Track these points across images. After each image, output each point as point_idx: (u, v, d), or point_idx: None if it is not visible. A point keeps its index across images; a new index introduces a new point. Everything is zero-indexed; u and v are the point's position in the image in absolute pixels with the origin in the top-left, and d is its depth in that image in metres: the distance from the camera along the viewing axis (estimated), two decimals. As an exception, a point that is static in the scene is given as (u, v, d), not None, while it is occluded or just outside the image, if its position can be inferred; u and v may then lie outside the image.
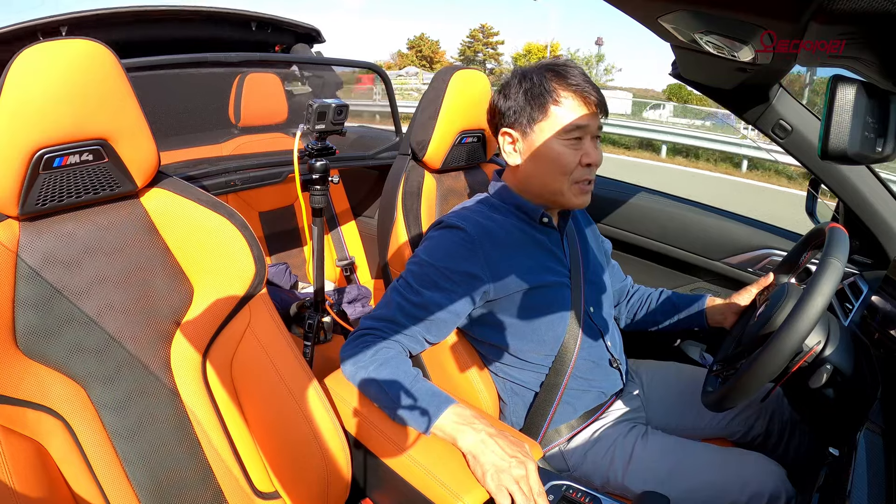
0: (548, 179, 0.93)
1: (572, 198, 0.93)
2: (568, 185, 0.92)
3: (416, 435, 0.80)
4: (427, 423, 0.78)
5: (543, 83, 0.90)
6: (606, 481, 0.93)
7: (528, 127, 0.92)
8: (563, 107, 0.90)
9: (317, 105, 1.15)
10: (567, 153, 0.90)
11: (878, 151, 0.50)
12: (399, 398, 0.80)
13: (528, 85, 0.92)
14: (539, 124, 0.91)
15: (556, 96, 0.89)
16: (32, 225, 0.73)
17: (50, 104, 0.66)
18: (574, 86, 0.90)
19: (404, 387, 0.81)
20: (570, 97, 0.90)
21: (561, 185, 0.92)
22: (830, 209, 1.31)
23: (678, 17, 0.68)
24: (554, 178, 0.92)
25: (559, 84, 0.90)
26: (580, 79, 0.90)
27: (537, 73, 0.92)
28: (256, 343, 0.88)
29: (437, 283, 0.88)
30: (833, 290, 0.70)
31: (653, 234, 1.55)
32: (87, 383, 0.76)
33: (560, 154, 0.90)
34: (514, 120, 0.94)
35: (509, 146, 0.96)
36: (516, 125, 0.94)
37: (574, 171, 0.91)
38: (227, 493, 0.84)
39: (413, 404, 0.79)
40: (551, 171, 0.92)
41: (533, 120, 0.91)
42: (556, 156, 0.91)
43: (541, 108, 0.90)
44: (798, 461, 1.00)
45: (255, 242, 0.87)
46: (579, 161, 0.91)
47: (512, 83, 0.95)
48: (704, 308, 1.11)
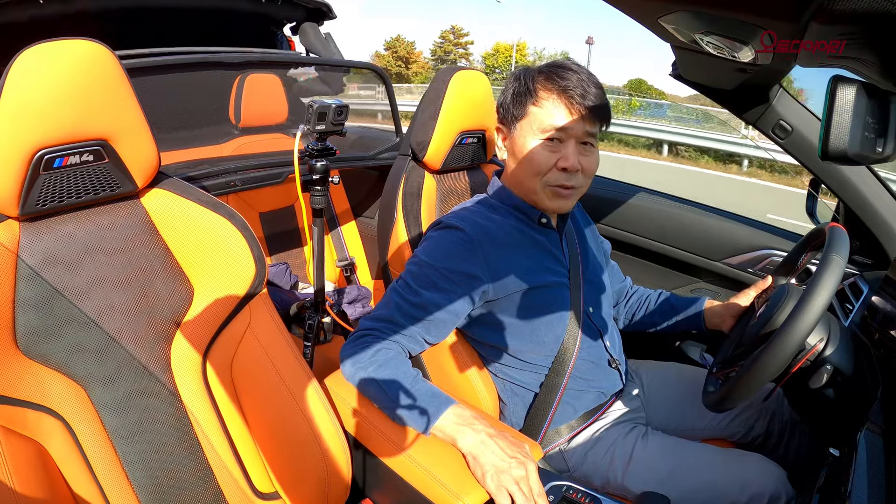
0: (523, 178, 0.95)
1: (545, 200, 0.93)
2: (541, 186, 0.92)
3: (415, 435, 0.80)
4: (427, 423, 0.78)
5: (528, 83, 0.92)
6: (606, 482, 0.93)
7: (512, 124, 0.95)
8: (543, 108, 0.90)
9: (317, 106, 1.15)
10: (541, 154, 0.90)
11: (878, 151, 0.50)
12: (399, 398, 0.80)
13: (516, 84, 0.94)
14: (519, 122, 0.94)
15: (537, 97, 0.91)
16: (33, 225, 0.73)
17: (50, 105, 0.66)
18: (559, 88, 0.89)
19: (404, 387, 0.81)
20: (551, 99, 0.89)
21: (534, 185, 0.93)
22: (830, 209, 1.31)
23: (678, 17, 0.69)
24: (527, 178, 0.93)
25: (542, 85, 0.91)
26: (572, 82, 0.88)
27: (527, 74, 0.94)
28: (256, 343, 0.88)
29: (437, 283, 0.88)
30: (835, 286, 0.69)
31: (652, 234, 1.55)
32: (87, 384, 0.76)
33: (534, 153, 0.91)
34: (502, 116, 0.98)
35: (500, 141, 1.01)
36: (505, 122, 0.98)
37: (548, 174, 0.91)
38: (227, 493, 0.84)
39: (413, 405, 0.79)
40: (525, 170, 0.93)
41: (515, 118, 0.94)
42: (531, 155, 0.92)
43: (521, 106, 0.93)
44: (798, 462, 1.00)
45: (255, 243, 0.87)
46: (555, 164, 0.90)
47: (508, 82, 0.98)
48: (702, 310, 1.11)
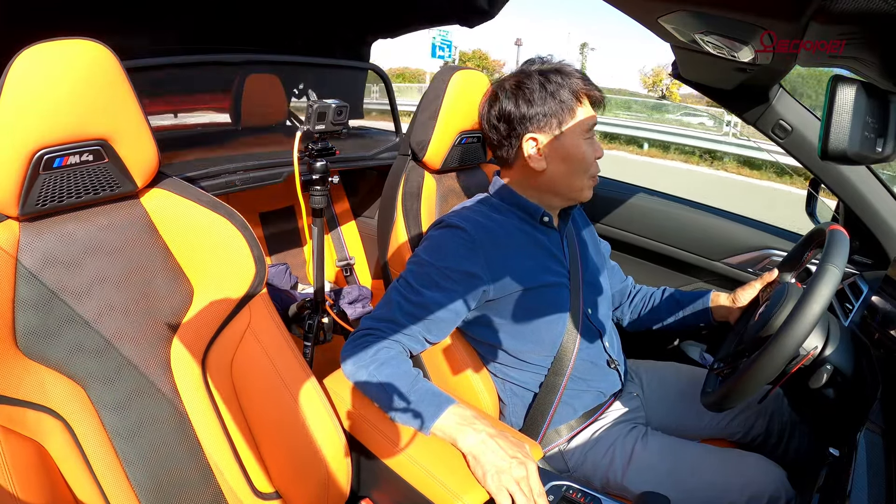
0: (573, 178, 0.96)
1: (587, 192, 0.98)
2: (586, 180, 0.96)
3: (415, 435, 0.80)
4: (427, 422, 0.78)
5: (570, 85, 0.92)
6: (606, 482, 0.93)
7: (558, 128, 0.93)
8: (585, 107, 0.94)
9: (317, 106, 1.15)
10: (588, 151, 0.94)
11: (878, 151, 0.50)
12: (399, 398, 0.80)
13: (554, 88, 0.91)
14: (568, 125, 0.93)
15: (581, 97, 0.93)
16: (32, 225, 0.73)
17: (50, 105, 0.66)
18: (589, 85, 0.94)
19: (405, 386, 0.81)
20: (586, 98, 0.94)
21: (582, 181, 0.96)
22: (830, 209, 1.31)
23: (678, 17, 0.69)
24: (578, 176, 0.96)
25: (579, 87, 0.93)
26: (588, 79, 0.95)
27: (559, 76, 0.92)
28: (256, 343, 0.88)
29: (437, 282, 0.88)
30: (830, 296, 0.70)
31: (652, 234, 1.55)
32: (87, 384, 0.76)
33: (585, 152, 0.94)
34: (544, 124, 0.92)
35: (533, 149, 0.94)
36: (546, 129, 0.93)
37: (592, 167, 0.96)
38: (227, 493, 0.84)
39: (413, 404, 0.79)
40: (577, 169, 0.95)
41: (562, 122, 0.93)
42: (583, 154, 0.94)
43: (570, 110, 0.92)
44: (798, 462, 1.00)
45: (255, 242, 0.87)
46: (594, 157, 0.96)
47: (532, 88, 0.92)
48: (709, 304, 1.11)
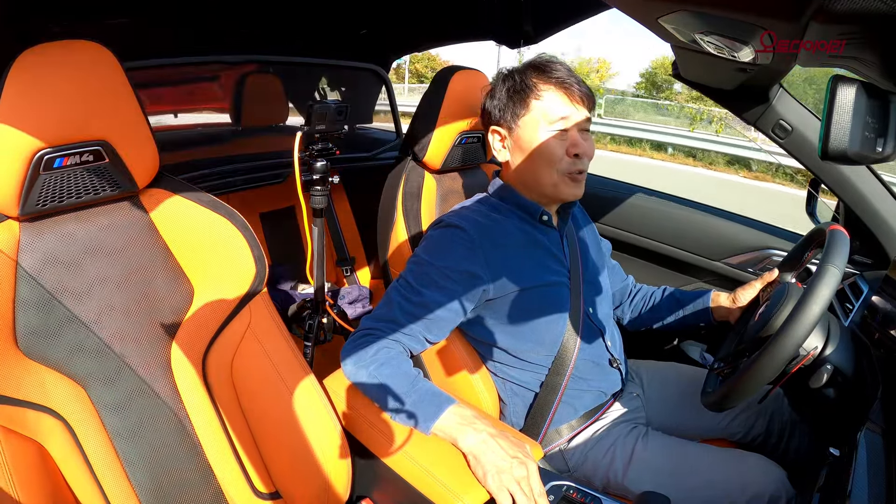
0: (539, 172, 0.95)
1: (565, 189, 0.95)
2: (559, 175, 0.94)
3: (416, 435, 0.80)
4: (428, 422, 0.78)
5: (524, 79, 0.93)
6: (607, 482, 0.93)
7: (514, 122, 0.95)
8: (545, 100, 0.92)
9: (317, 106, 1.15)
10: (553, 144, 0.92)
11: (878, 151, 0.50)
12: (400, 398, 0.80)
13: (511, 83, 0.95)
14: (522, 119, 0.94)
15: (537, 90, 0.92)
16: (33, 225, 0.73)
17: (50, 105, 0.66)
18: (555, 79, 0.92)
19: (405, 387, 0.81)
20: (551, 90, 0.92)
21: (550, 176, 0.94)
22: (830, 209, 1.30)
23: (678, 17, 0.68)
24: (543, 171, 0.94)
25: (539, 78, 0.93)
26: (563, 73, 0.93)
27: (520, 71, 0.95)
28: (257, 343, 0.88)
29: (437, 282, 0.88)
30: (830, 296, 0.70)
31: (652, 234, 1.55)
32: (87, 384, 0.76)
33: (546, 146, 0.92)
34: (500, 117, 0.97)
35: (499, 143, 1.00)
36: (503, 122, 0.97)
37: (562, 162, 0.93)
38: (227, 493, 0.84)
39: (414, 404, 0.79)
40: (540, 163, 0.94)
41: (516, 115, 0.94)
42: (543, 148, 0.93)
43: (522, 102, 0.93)
44: (798, 461, 1.00)
45: (255, 242, 0.87)
46: (566, 152, 0.93)
47: (497, 83, 0.98)
48: (709, 303, 1.11)
